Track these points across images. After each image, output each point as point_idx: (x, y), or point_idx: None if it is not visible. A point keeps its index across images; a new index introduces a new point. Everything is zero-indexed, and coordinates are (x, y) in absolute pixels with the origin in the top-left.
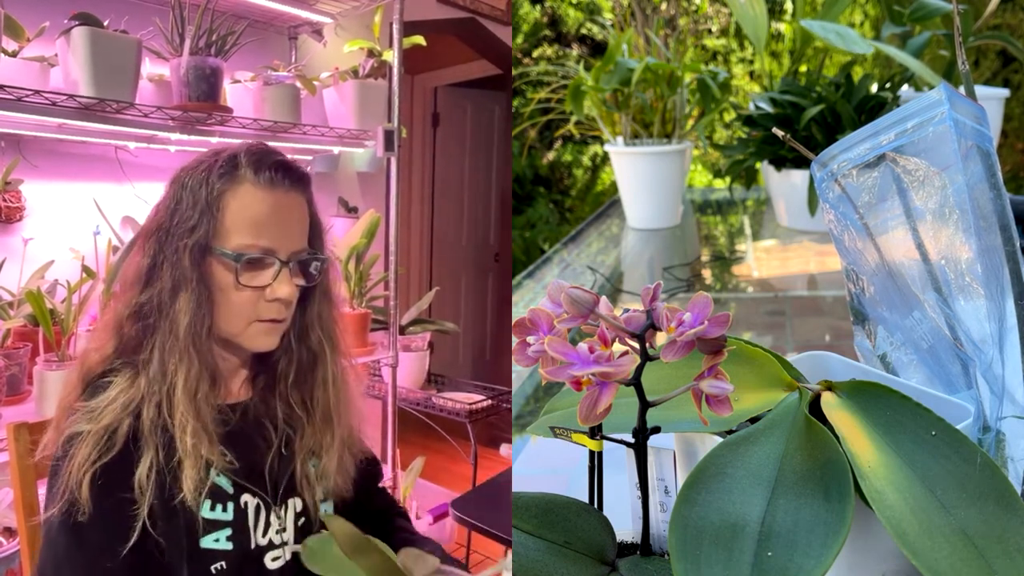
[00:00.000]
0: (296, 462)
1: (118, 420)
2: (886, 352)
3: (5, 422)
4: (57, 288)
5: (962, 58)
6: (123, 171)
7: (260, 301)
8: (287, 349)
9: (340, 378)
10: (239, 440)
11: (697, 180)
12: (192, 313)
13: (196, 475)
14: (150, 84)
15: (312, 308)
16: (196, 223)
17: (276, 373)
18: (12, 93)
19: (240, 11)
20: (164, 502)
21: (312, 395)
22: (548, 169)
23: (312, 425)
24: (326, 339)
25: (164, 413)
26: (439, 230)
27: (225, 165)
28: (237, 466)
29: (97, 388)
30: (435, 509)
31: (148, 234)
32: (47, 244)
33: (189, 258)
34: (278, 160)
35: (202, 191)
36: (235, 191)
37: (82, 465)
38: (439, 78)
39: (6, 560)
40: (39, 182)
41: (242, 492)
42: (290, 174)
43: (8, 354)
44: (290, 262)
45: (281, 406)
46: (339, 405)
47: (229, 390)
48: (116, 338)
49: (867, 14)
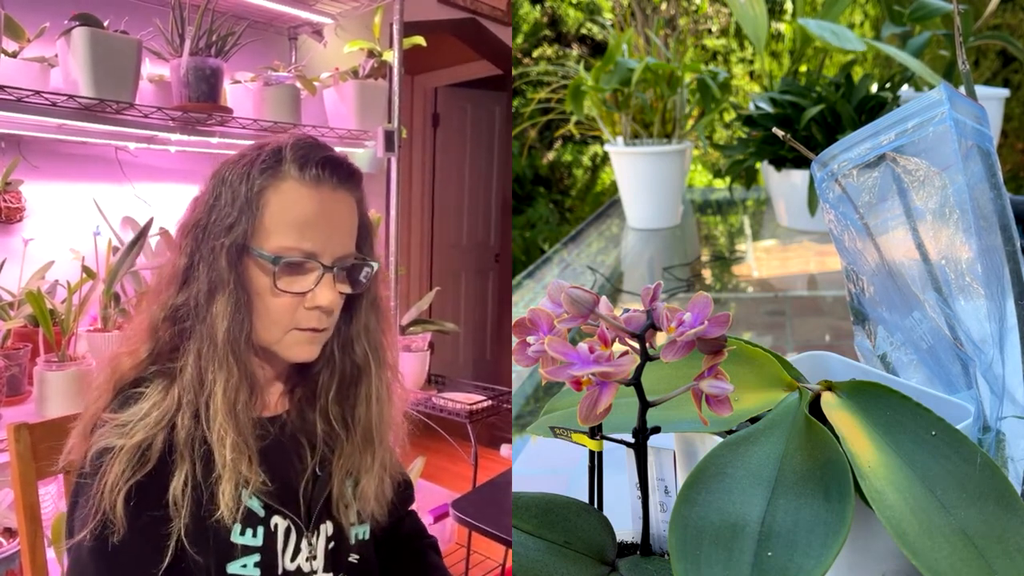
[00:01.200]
0: (333, 484)
1: (152, 435)
2: (886, 352)
3: (5, 422)
4: (57, 288)
5: (962, 58)
6: (123, 171)
7: (299, 308)
8: (329, 361)
9: (385, 395)
10: (273, 457)
11: (697, 180)
12: (230, 318)
13: (234, 492)
14: (150, 84)
15: (359, 318)
16: (234, 221)
17: (317, 387)
18: (12, 93)
19: (240, 11)
20: (198, 521)
21: (354, 412)
22: (548, 169)
23: (352, 444)
24: (372, 352)
25: (202, 424)
26: (439, 230)
27: (268, 159)
28: (270, 487)
29: (128, 399)
30: (435, 509)
31: (185, 231)
32: (47, 244)
33: (226, 258)
34: (326, 155)
35: (242, 187)
36: (277, 187)
37: (116, 484)
38: (439, 78)
39: (6, 560)
40: (39, 182)
41: (273, 514)
42: (339, 171)
43: (8, 354)
44: (334, 267)
45: (320, 423)
46: (382, 424)
47: (265, 402)
48: (151, 342)
49: (867, 14)
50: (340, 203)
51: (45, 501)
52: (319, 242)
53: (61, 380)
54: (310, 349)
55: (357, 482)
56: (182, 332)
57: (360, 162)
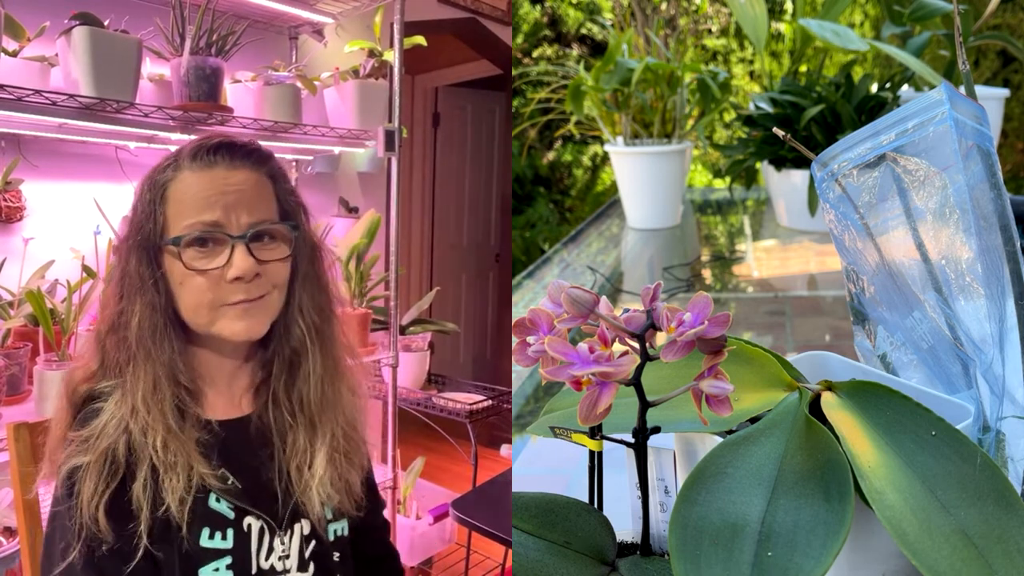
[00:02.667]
0: (293, 476)
1: (114, 442)
2: (886, 352)
3: (5, 422)
4: (57, 288)
5: (962, 58)
6: (123, 171)
7: (221, 285)
8: (278, 348)
9: (327, 375)
10: (240, 458)
11: (697, 180)
12: (141, 314)
13: (180, 487)
14: (150, 84)
15: (294, 298)
16: (142, 223)
17: (271, 374)
18: (12, 93)
19: (240, 11)
20: (160, 522)
21: (299, 396)
22: (548, 169)
23: (298, 429)
24: (307, 330)
25: (139, 427)
26: (439, 230)
27: (167, 160)
28: (240, 487)
29: (88, 415)
30: (435, 509)
31: (116, 248)
32: (47, 244)
33: (136, 259)
34: (218, 143)
35: (148, 192)
36: (174, 179)
37: (92, 498)
38: (439, 78)
39: (6, 560)
40: (39, 182)
41: (244, 515)
42: (234, 151)
43: (8, 354)
44: (246, 235)
45: (275, 413)
46: (324, 404)
47: (231, 401)
48: (99, 355)
49: (867, 14)
50: (239, 177)
51: (45, 501)
52: (220, 213)
53: (61, 379)
54: (246, 324)
55: (303, 468)
56: (120, 341)
57: (360, 161)
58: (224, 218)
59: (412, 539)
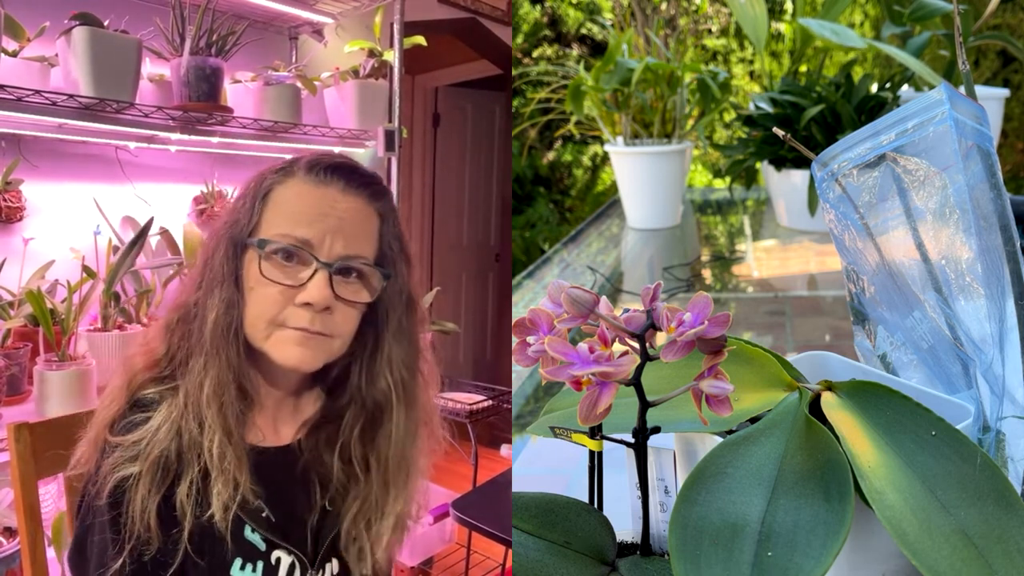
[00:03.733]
0: (343, 522)
1: (167, 447)
2: (886, 352)
3: (5, 422)
4: (57, 288)
5: (962, 58)
6: (123, 171)
7: (289, 305)
8: (355, 397)
9: (408, 437)
10: (279, 489)
11: (697, 180)
12: (218, 310)
13: (227, 492)
14: (150, 84)
15: (383, 350)
16: (238, 217)
17: (341, 424)
18: (12, 93)
19: (240, 11)
20: (201, 529)
21: (376, 452)
22: (548, 169)
23: (369, 486)
24: (395, 388)
25: (196, 424)
26: (439, 230)
27: (283, 163)
28: (273, 519)
29: (132, 424)
30: (435, 509)
31: (209, 237)
32: (47, 244)
33: (224, 252)
34: (339, 162)
35: (253, 188)
36: (283, 183)
37: (144, 507)
38: (439, 78)
39: (6, 560)
40: (39, 182)
41: (275, 548)
42: (352, 177)
43: (8, 354)
44: (333, 265)
45: (339, 461)
46: (402, 466)
47: (275, 429)
48: (165, 343)
49: (867, 14)
50: (348, 204)
51: (45, 501)
52: (315, 234)
53: (61, 379)
54: (299, 352)
55: (370, 525)
56: (189, 333)
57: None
58: (318, 240)
59: (412, 539)
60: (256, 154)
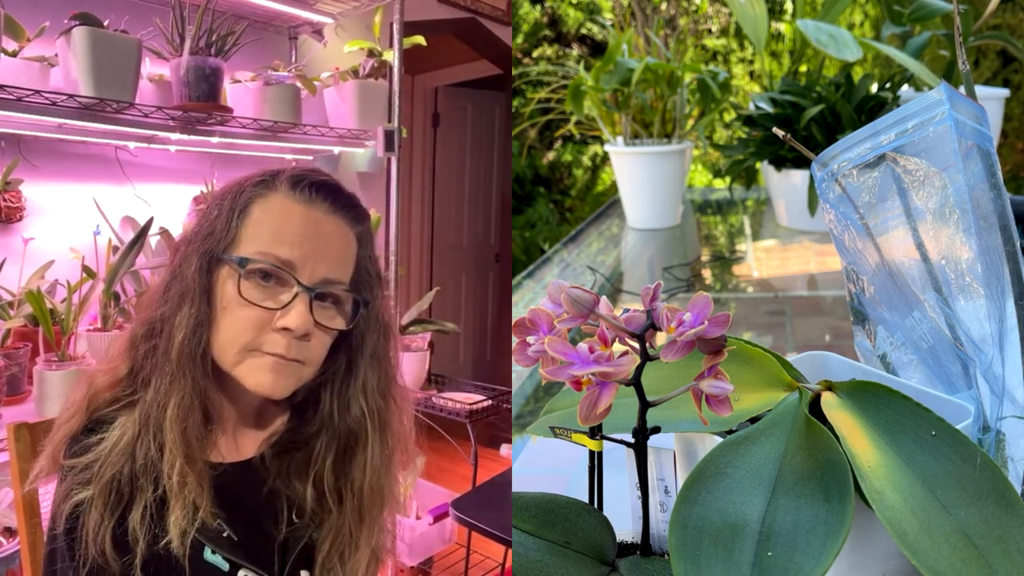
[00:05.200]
0: (319, 555)
1: (120, 468)
2: (886, 352)
3: (5, 422)
4: (57, 288)
5: (962, 58)
6: (123, 171)
7: (267, 329)
8: (327, 424)
9: (382, 466)
10: (241, 508)
11: (697, 180)
12: (186, 328)
13: (185, 518)
14: (150, 84)
15: (357, 376)
16: (212, 229)
17: (313, 453)
18: (12, 93)
19: (240, 11)
20: (157, 557)
21: (350, 482)
22: (548, 169)
23: (343, 516)
24: (369, 416)
25: (156, 447)
26: (439, 230)
27: (265, 176)
28: (236, 539)
29: (87, 446)
30: (435, 509)
31: (176, 246)
32: (47, 244)
33: (196, 266)
34: (324, 180)
35: (230, 200)
36: (265, 198)
37: (97, 531)
38: (439, 78)
39: (6, 560)
40: (39, 182)
41: (239, 569)
42: (337, 197)
43: (8, 354)
44: (314, 290)
45: (311, 490)
46: (374, 497)
47: (237, 445)
48: (129, 360)
49: (867, 14)
50: (332, 227)
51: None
52: (297, 255)
53: (61, 380)
54: (272, 379)
55: (344, 560)
56: (154, 350)
57: (360, 162)
58: (300, 262)
59: (412, 539)
60: (256, 154)
